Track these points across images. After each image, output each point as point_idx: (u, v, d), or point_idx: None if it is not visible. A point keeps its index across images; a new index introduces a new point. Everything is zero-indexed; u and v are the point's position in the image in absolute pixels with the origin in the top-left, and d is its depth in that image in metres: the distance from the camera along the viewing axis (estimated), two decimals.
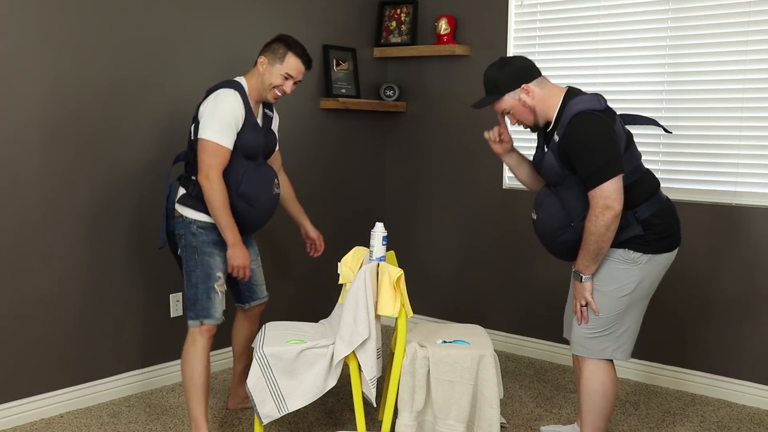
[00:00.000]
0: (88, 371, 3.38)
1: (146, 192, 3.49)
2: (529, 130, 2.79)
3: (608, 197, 2.49)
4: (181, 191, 2.95)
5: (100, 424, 3.18)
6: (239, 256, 2.88)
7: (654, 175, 2.73)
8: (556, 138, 2.61)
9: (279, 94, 2.97)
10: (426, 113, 4.54)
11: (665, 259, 2.70)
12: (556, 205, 2.69)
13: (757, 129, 3.48)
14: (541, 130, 2.78)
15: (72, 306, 3.30)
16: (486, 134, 2.91)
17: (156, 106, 3.50)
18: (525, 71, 2.67)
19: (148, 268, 3.53)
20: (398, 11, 4.54)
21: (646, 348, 3.84)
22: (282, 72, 2.94)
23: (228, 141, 2.82)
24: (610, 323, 2.69)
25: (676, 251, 2.73)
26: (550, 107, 2.66)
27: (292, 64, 2.95)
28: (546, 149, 2.71)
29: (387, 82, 4.60)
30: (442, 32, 4.34)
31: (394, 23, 4.55)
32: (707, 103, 3.61)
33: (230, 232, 2.85)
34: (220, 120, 2.80)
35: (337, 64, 4.32)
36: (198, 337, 2.90)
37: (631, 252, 2.64)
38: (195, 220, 2.91)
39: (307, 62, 3.00)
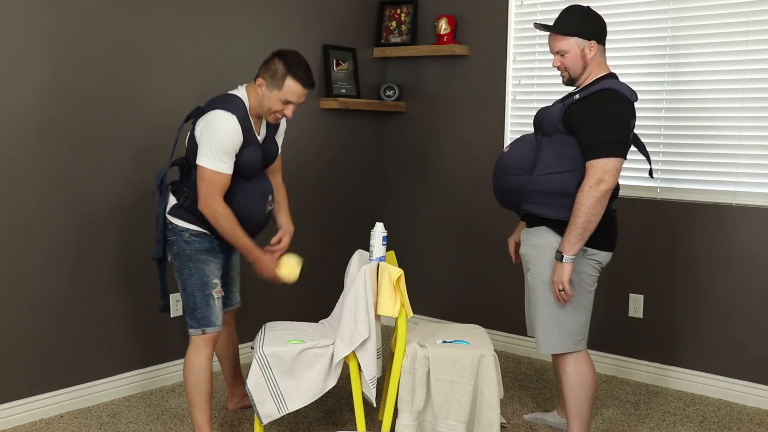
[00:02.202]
0: (89, 371, 3.38)
1: (147, 190, 3.48)
2: (562, 78, 2.84)
3: (607, 171, 2.57)
4: (173, 200, 2.86)
5: (100, 424, 3.18)
6: (264, 269, 2.87)
7: (618, 188, 2.81)
8: (576, 97, 2.70)
9: (279, 116, 2.83)
10: (426, 113, 4.54)
11: (595, 256, 2.77)
12: (530, 149, 2.76)
13: (757, 129, 3.48)
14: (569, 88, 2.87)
15: (72, 306, 3.29)
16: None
17: (151, 110, 3.50)
18: (602, 32, 2.76)
19: (148, 268, 3.53)
20: (398, 11, 4.54)
21: (646, 348, 3.84)
22: (281, 98, 2.76)
23: (226, 167, 2.71)
24: (564, 314, 2.76)
25: (606, 255, 2.80)
26: (591, 74, 2.75)
27: (291, 89, 2.75)
28: (558, 103, 2.81)
29: (387, 82, 4.60)
30: (442, 32, 4.33)
31: (394, 23, 4.55)
32: (707, 103, 3.61)
33: (248, 251, 2.82)
34: (216, 147, 2.67)
35: (337, 64, 4.32)
36: (201, 345, 2.85)
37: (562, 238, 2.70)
38: (186, 229, 2.83)
39: (308, 84, 2.79)
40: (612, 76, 2.75)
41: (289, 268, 2.96)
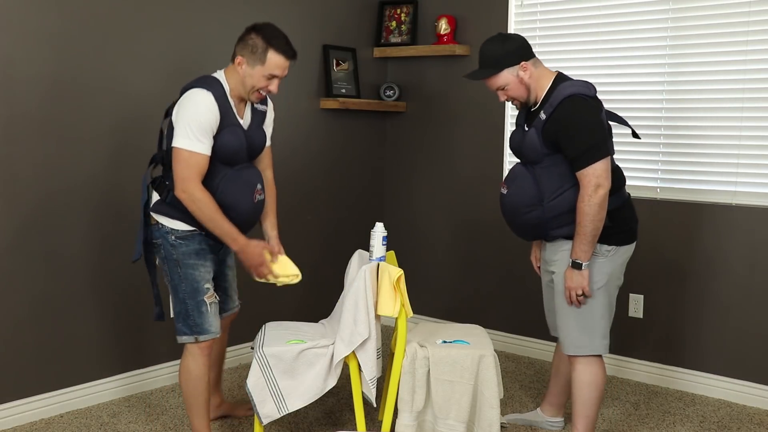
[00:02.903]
0: (89, 371, 3.38)
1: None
2: (515, 107, 2.87)
3: (600, 176, 2.59)
4: (156, 197, 2.73)
5: (100, 424, 3.18)
6: (251, 256, 2.71)
7: (622, 172, 2.84)
8: (542, 117, 2.70)
9: (264, 94, 2.71)
10: (426, 113, 4.54)
11: (625, 252, 2.83)
12: (530, 183, 2.76)
13: (757, 129, 3.48)
14: (525, 109, 2.87)
15: (72, 306, 3.29)
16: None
17: (147, 112, 3.50)
18: (525, 49, 2.76)
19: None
20: (398, 11, 4.54)
21: (646, 348, 3.84)
22: (265, 73, 2.64)
23: (203, 147, 2.57)
24: (594, 317, 2.77)
25: (629, 248, 2.85)
26: (540, 87, 2.76)
27: (275, 62, 2.64)
28: (527, 128, 2.80)
29: (387, 82, 4.60)
30: (442, 32, 4.33)
31: (394, 23, 4.55)
32: (707, 103, 3.61)
33: (231, 239, 2.65)
34: (190, 125, 2.54)
35: (337, 64, 4.32)
36: (197, 353, 2.76)
37: (598, 244, 2.72)
38: (172, 230, 2.69)
39: (291, 54, 2.67)
40: (560, 78, 2.75)
41: (285, 266, 2.89)
